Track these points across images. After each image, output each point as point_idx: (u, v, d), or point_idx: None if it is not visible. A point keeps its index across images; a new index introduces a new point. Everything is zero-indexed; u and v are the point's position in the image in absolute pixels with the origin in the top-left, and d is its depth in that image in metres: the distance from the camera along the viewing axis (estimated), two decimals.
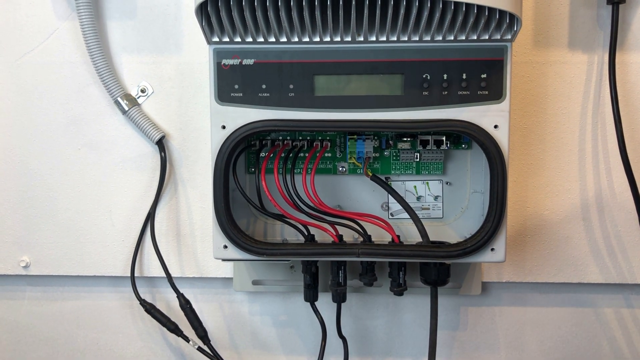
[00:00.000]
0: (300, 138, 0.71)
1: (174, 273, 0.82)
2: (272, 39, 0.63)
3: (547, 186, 0.80)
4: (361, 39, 0.63)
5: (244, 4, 0.59)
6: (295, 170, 0.70)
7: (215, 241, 0.68)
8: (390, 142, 0.71)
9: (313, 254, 0.68)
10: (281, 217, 0.70)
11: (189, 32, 0.80)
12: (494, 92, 0.64)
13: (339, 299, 0.75)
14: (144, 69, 0.80)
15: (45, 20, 0.80)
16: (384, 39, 0.63)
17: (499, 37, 0.62)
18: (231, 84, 0.65)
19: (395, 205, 0.72)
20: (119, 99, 0.79)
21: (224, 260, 0.70)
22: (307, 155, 0.71)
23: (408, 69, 0.64)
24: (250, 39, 0.63)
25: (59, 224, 0.83)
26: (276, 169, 0.69)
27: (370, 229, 0.70)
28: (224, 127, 0.65)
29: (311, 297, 0.76)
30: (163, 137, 0.80)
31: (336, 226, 0.70)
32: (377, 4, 0.59)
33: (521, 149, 0.79)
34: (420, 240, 0.68)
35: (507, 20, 0.60)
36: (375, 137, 0.70)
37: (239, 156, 0.70)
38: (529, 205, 0.80)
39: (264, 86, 0.65)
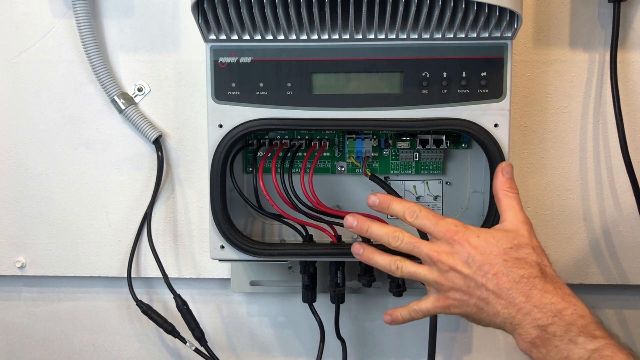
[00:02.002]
0: (299, 137, 0.70)
1: (171, 274, 0.81)
2: (270, 37, 0.63)
3: (547, 186, 0.79)
4: (360, 36, 0.62)
5: (240, 1, 0.58)
6: (293, 170, 0.70)
7: (212, 241, 0.67)
8: (390, 141, 0.70)
9: (311, 255, 0.67)
10: (279, 217, 0.70)
11: (187, 30, 0.79)
12: (494, 91, 0.63)
13: (338, 300, 0.75)
14: (141, 67, 0.80)
15: (41, 19, 0.80)
16: (383, 36, 0.62)
17: (499, 34, 0.62)
18: (228, 82, 0.64)
19: None
20: (115, 97, 0.78)
21: (221, 260, 0.69)
22: (305, 154, 0.70)
23: (407, 67, 0.63)
24: (247, 37, 0.63)
25: (55, 224, 0.83)
26: (274, 169, 0.68)
27: None
28: (220, 125, 0.65)
29: (309, 298, 0.75)
30: (160, 136, 0.80)
31: (335, 226, 0.69)
32: (376, 1, 0.58)
33: (521, 148, 0.79)
34: None
35: (508, 18, 0.60)
36: (374, 136, 0.70)
37: (236, 155, 0.69)
38: (529, 205, 0.79)
39: (261, 84, 0.64)
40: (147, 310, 0.80)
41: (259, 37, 0.63)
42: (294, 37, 0.63)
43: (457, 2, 0.58)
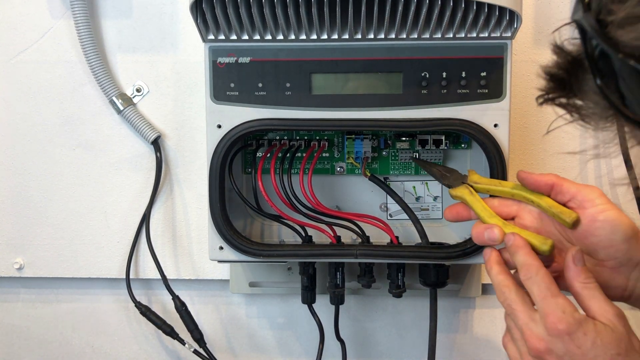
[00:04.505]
0: (298, 138, 0.70)
1: (169, 275, 0.81)
2: (269, 37, 0.62)
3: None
4: (359, 36, 0.62)
5: (239, 1, 0.58)
6: (293, 171, 0.69)
7: (211, 242, 0.67)
8: (389, 141, 0.70)
9: (310, 255, 0.67)
10: (278, 218, 0.69)
11: (185, 30, 0.79)
12: (493, 91, 0.63)
13: (337, 301, 0.74)
14: (140, 68, 0.80)
15: (39, 19, 0.80)
16: (382, 36, 0.62)
17: (498, 34, 0.61)
18: (227, 82, 0.64)
19: (394, 206, 0.72)
20: (114, 98, 0.78)
21: (219, 261, 0.69)
22: (304, 155, 0.70)
23: (407, 67, 0.63)
24: (246, 37, 0.63)
25: (54, 225, 0.82)
26: (273, 169, 0.68)
27: (369, 229, 0.69)
28: (219, 126, 0.65)
29: (309, 299, 0.75)
30: (159, 137, 0.79)
31: (334, 227, 0.69)
32: (375, 1, 0.58)
33: (521, 149, 0.79)
34: (420, 241, 0.67)
35: (507, 18, 0.59)
36: (374, 137, 0.69)
37: (235, 156, 0.69)
38: None
39: (260, 85, 0.64)
40: (146, 311, 0.80)
41: (257, 37, 0.62)
42: (292, 37, 0.62)
43: (457, 1, 0.58)
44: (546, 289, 0.49)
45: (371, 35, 0.62)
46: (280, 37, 0.62)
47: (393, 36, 0.62)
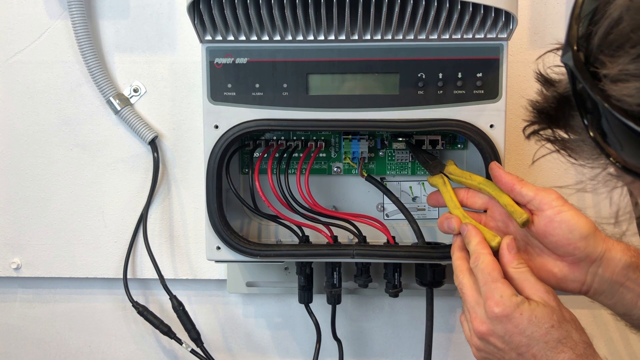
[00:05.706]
0: (295, 138, 0.70)
1: (167, 275, 0.81)
2: (266, 38, 0.63)
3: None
4: (356, 37, 0.62)
5: (236, 1, 0.58)
6: (290, 171, 0.69)
7: (208, 242, 0.67)
8: (386, 142, 0.70)
9: (307, 255, 0.67)
10: (275, 218, 0.69)
11: (183, 31, 0.79)
12: (489, 92, 0.63)
13: (334, 300, 0.75)
14: (137, 68, 0.80)
15: (36, 19, 0.80)
16: (379, 37, 0.62)
17: (494, 35, 0.62)
18: (224, 83, 0.64)
19: (390, 206, 0.72)
20: (111, 98, 0.78)
21: (216, 261, 0.69)
22: (301, 155, 0.70)
23: (403, 68, 0.63)
24: (243, 38, 0.63)
25: (51, 225, 0.82)
26: (270, 170, 0.68)
27: (366, 229, 0.69)
28: (216, 126, 0.65)
29: (306, 298, 0.75)
30: (156, 137, 0.80)
31: (331, 227, 0.69)
32: (372, 2, 0.58)
33: (517, 149, 0.79)
34: (416, 241, 0.68)
35: (503, 19, 0.60)
36: (371, 137, 0.70)
37: (232, 156, 0.69)
38: None
39: (257, 85, 0.64)
40: (143, 311, 0.80)
41: (254, 37, 0.63)
42: (289, 37, 0.62)
43: (453, 3, 0.58)
44: (488, 274, 0.53)
45: (368, 36, 0.62)
46: (277, 37, 0.63)
47: (390, 37, 0.62)
